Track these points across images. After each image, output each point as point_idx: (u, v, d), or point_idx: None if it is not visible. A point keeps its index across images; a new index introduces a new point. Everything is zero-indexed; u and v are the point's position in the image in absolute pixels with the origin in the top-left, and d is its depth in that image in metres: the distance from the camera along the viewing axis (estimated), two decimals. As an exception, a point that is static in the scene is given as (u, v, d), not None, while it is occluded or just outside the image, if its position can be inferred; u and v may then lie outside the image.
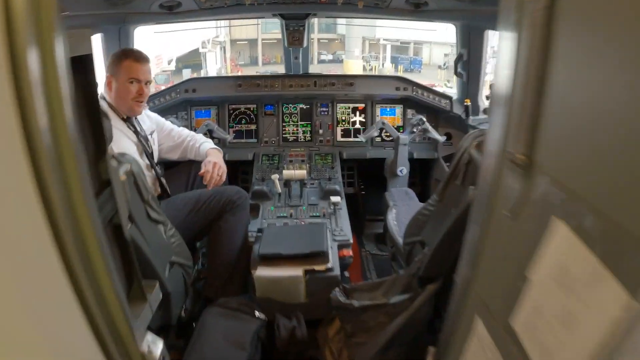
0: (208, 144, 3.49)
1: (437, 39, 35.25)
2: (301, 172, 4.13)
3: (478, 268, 1.24)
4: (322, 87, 4.89)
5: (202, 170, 3.01)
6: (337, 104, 5.04)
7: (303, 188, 4.21)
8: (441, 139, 4.58)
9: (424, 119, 4.54)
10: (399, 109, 5.08)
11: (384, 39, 36.40)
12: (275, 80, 4.88)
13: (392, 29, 34.53)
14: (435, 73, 35.53)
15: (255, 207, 3.70)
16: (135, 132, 3.01)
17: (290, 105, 5.04)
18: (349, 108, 5.07)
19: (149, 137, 3.17)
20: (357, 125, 5.10)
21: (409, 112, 5.08)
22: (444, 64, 37.77)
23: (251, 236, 3.19)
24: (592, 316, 0.73)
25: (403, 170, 4.51)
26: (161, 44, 18.88)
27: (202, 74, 28.77)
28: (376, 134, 4.59)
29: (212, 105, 5.01)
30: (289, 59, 5.10)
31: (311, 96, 4.99)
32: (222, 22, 30.79)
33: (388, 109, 5.09)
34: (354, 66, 34.93)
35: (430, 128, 4.57)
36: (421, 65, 38.00)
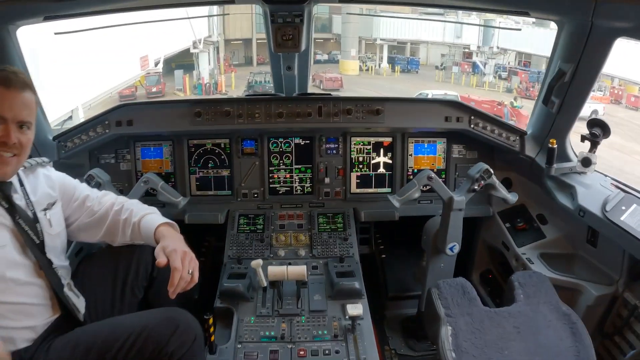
0: (155, 215, 2.21)
1: (434, 38, 33.57)
2: (297, 271, 2.47)
3: None
4: (330, 117, 3.11)
5: (164, 263, 1.90)
6: (352, 138, 3.25)
7: (301, 287, 2.58)
8: (512, 199, 2.85)
9: (491, 171, 2.75)
10: (440, 145, 3.33)
11: (380, 39, 34.55)
12: (256, 106, 3.07)
13: (389, 29, 32.79)
14: (433, 74, 33.89)
15: (225, 315, 2.52)
16: (10, 209, 1.88)
17: (281, 140, 3.26)
18: (368, 144, 3.28)
19: (42, 215, 2.03)
20: (381, 170, 3.32)
21: (455, 148, 3.34)
22: (441, 65, 36.20)
23: None
24: None
25: (455, 247, 2.79)
26: (145, 44, 16.96)
27: (195, 75, 26.88)
28: (417, 195, 2.80)
29: (165, 140, 3.22)
30: (277, 72, 3.30)
31: (312, 129, 3.20)
32: (216, 20, 29.06)
33: (426, 145, 3.32)
34: (350, 66, 33.10)
35: (498, 185, 2.82)
36: (418, 66, 36.29)
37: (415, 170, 3.32)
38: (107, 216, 2.19)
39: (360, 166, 3.30)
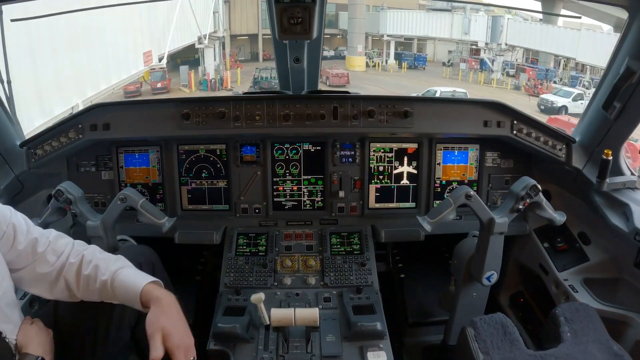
0: (130, 270, 1.76)
1: (441, 34, 32.83)
2: (306, 315, 2.01)
3: None
4: (348, 120, 2.54)
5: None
6: (371, 144, 2.72)
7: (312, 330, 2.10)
8: (560, 219, 2.31)
9: (538, 187, 2.21)
10: (473, 153, 2.78)
11: (387, 35, 33.79)
12: (256, 106, 2.52)
13: (395, 25, 32.12)
14: (440, 70, 33.16)
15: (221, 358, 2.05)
16: None
17: (287, 146, 2.72)
18: (390, 151, 2.74)
19: None
20: (405, 181, 2.78)
21: (489, 156, 2.79)
22: (449, 61, 35.38)
23: None
24: None
25: (493, 276, 2.28)
26: (148, 39, 16.43)
27: (200, 71, 26.34)
28: (453, 216, 2.25)
29: (152, 145, 2.71)
30: (283, 65, 2.73)
31: (325, 134, 2.66)
32: (221, 16, 28.37)
33: (456, 152, 2.77)
34: (357, 62, 32.39)
35: (545, 203, 2.28)
36: (426, 62, 35.53)
37: (444, 181, 2.79)
38: (63, 270, 1.72)
39: (381, 177, 2.76)
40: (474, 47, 33.22)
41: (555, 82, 28.59)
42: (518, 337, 2.02)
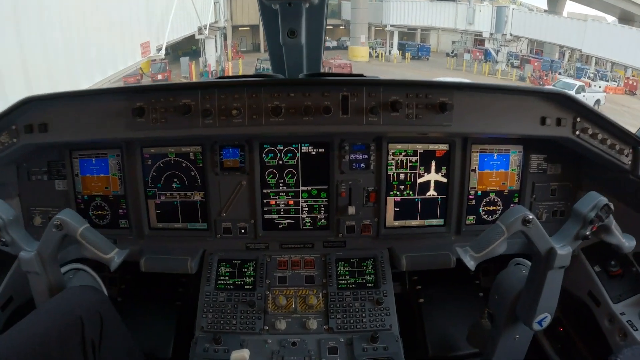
0: None
1: (445, 25, 31.86)
2: None
3: None
4: (363, 115, 1.85)
5: None
6: (389, 145, 2.08)
7: None
8: (630, 245, 1.69)
9: (611, 207, 1.57)
10: (515, 156, 2.16)
11: (390, 25, 32.78)
12: (234, 96, 1.83)
13: (399, 15, 31.18)
14: (443, 61, 32.25)
15: None
16: None
17: (280, 147, 2.08)
18: (414, 154, 2.09)
19: None
20: (431, 192, 2.14)
21: (534, 160, 2.17)
22: (452, 52, 34.37)
23: None
24: None
25: (546, 320, 1.69)
26: (146, 28, 15.59)
27: (201, 62, 25.53)
28: (503, 249, 1.58)
29: (111, 149, 2.10)
30: (274, 40, 2.04)
31: (329, 133, 2.01)
32: (222, 6, 27.38)
33: (495, 155, 2.14)
34: (360, 53, 31.44)
35: (615, 226, 1.65)
36: (429, 53, 34.53)
37: (479, 192, 2.16)
38: None
39: (402, 187, 2.12)
40: (478, 37, 32.22)
41: (560, 74, 27.71)
42: None
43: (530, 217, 1.53)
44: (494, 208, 2.20)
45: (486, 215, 2.19)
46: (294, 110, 1.76)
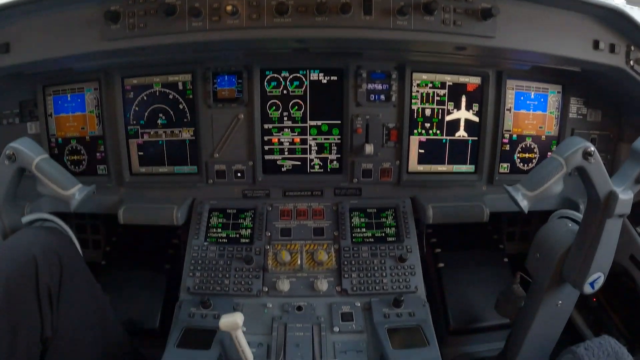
0: None
1: None
2: None
3: None
4: (388, 17, 1.43)
5: None
6: (413, 74, 1.71)
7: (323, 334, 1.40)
8: None
9: None
10: (553, 97, 1.84)
11: None
12: None
13: None
14: None
15: None
16: None
17: (285, 74, 1.73)
18: (442, 86, 1.76)
19: None
20: (461, 133, 1.80)
21: (573, 104, 1.86)
22: None
23: None
24: None
25: (599, 281, 1.34)
26: None
27: None
28: (560, 186, 1.25)
29: (87, 81, 1.77)
30: None
31: (345, 49, 1.64)
32: None
33: (532, 95, 1.82)
34: None
35: None
36: None
37: (515, 136, 1.83)
38: None
39: (427, 125, 1.77)
40: None
41: None
42: None
43: (592, 149, 1.19)
44: (530, 156, 1.87)
45: (521, 164, 1.87)
46: (304, 7, 1.39)
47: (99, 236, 2.29)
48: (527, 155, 1.87)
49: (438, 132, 1.78)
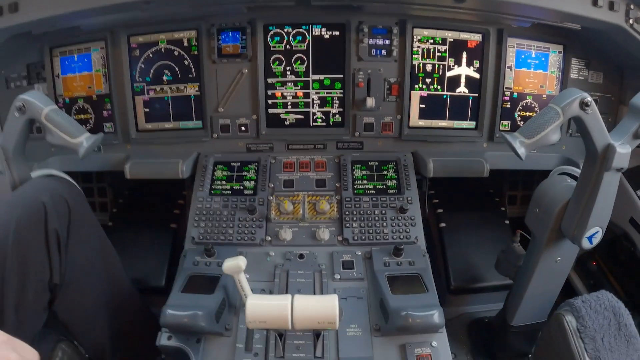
0: None
1: None
2: (315, 310, 1.11)
3: None
4: None
5: None
6: (414, 30, 1.72)
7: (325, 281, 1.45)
8: None
9: None
10: (554, 56, 1.83)
11: None
12: None
13: None
14: None
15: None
16: None
17: (288, 29, 1.75)
18: (443, 42, 1.77)
19: None
20: (462, 89, 1.82)
21: (574, 65, 1.86)
22: None
23: None
24: None
25: (597, 236, 1.34)
26: None
27: None
28: (557, 137, 1.25)
29: (94, 41, 1.79)
30: None
31: (345, 1, 1.66)
32: None
33: (533, 54, 1.82)
34: None
35: None
36: None
37: (515, 94, 1.84)
38: None
39: (428, 80, 1.78)
40: None
41: None
42: (635, 332, 1.31)
43: (589, 99, 1.19)
44: (530, 114, 1.87)
45: (522, 122, 1.87)
46: None
47: (106, 199, 2.33)
48: (527, 113, 1.87)
49: (439, 87, 1.79)
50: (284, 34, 1.72)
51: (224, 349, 1.23)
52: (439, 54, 1.76)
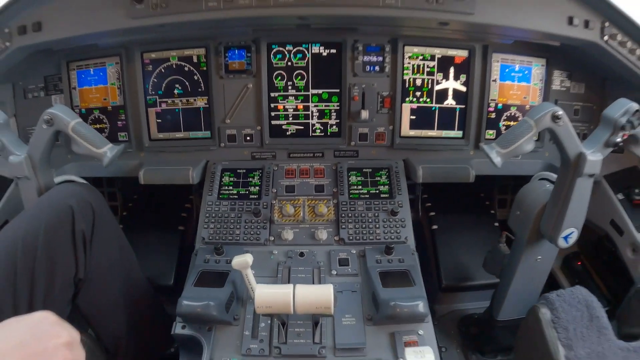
0: None
1: None
2: (313, 298, 1.29)
3: None
4: None
5: None
6: (405, 48, 1.87)
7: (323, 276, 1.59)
8: None
9: None
10: (537, 70, 1.97)
11: None
12: None
13: None
14: None
15: (193, 345, 1.39)
16: None
17: (290, 48, 1.90)
18: (432, 59, 1.91)
19: None
20: (449, 102, 1.96)
21: (557, 77, 1.99)
22: None
23: None
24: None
25: (572, 235, 1.48)
26: None
27: None
28: (531, 147, 1.40)
29: (109, 57, 1.92)
30: None
31: (341, 24, 1.81)
32: None
33: (517, 67, 1.95)
34: None
35: None
36: None
37: (500, 105, 1.97)
38: None
39: (418, 94, 1.93)
40: None
41: None
42: (606, 323, 1.43)
43: (560, 112, 1.32)
44: (514, 123, 2.01)
45: (506, 131, 2.01)
46: None
47: (116, 203, 2.47)
48: (512, 123, 2.00)
49: (428, 100, 1.93)
50: (286, 52, 1.87)
51: (232, 337, 1.36)
52: (428, 69, 1.90)
